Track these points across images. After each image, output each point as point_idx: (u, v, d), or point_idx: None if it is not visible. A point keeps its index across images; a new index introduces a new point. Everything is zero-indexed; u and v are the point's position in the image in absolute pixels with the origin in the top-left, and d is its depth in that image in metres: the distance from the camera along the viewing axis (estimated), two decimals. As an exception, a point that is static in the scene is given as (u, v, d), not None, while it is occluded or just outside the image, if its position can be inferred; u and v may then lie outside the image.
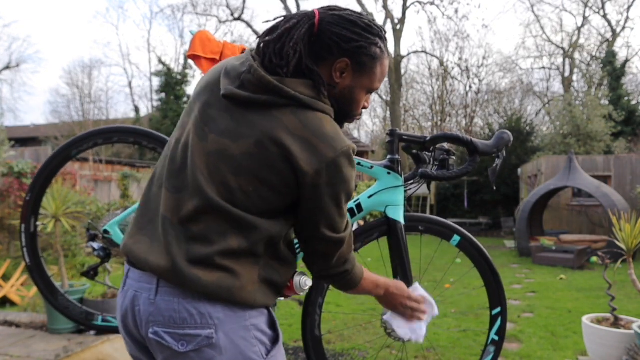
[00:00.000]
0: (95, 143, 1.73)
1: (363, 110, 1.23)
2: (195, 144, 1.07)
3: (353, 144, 1.07)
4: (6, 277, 5.53)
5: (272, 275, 1.10)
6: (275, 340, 1.12)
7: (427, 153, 1.59)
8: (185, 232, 1.03)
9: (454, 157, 1.58)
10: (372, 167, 1.57)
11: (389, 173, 1.56)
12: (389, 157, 1.58)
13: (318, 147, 1.02)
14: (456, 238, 1.64)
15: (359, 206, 1.58)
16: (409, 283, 1.56)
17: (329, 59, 1.08)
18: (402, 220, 1.56)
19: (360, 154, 14.48)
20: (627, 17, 28.21)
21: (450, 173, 1.56)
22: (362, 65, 1.10)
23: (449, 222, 1.67)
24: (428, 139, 1.57)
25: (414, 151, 1.61)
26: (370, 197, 1.57)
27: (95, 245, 1.65)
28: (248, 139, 1.02)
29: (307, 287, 1.19)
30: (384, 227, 1.58)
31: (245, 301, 1.05)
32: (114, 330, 1.76)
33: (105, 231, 1.65)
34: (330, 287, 1.66)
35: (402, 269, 1.56)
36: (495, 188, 1.73)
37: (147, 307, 1.04)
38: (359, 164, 1.57)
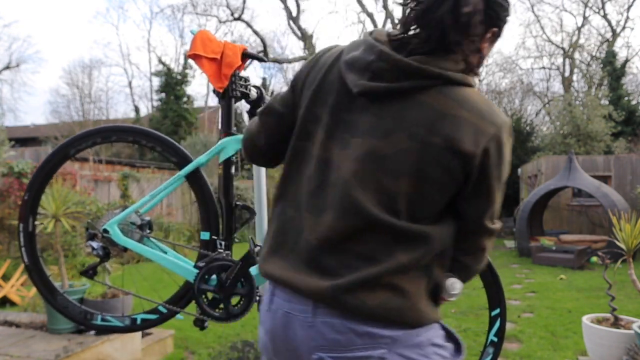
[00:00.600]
0: (94, 142, 1.72)
1: None
2: (338, 155, 0.95)
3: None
4: (6, 277, 5.53)
5: (438, 286, 1.00)
6: (457, 352, 1.03)
7: None
8: (342, 255, 0.93)
9: None
10: None
11: None
12: None
13: (479, 125, 0.90)
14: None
15: None
16: None
17: (477, 29, 0.94)
18: None
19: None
20: (627, 17, 28.17)
21: None
22: (499, 35, 1.00)
23: None
24: None
25: None
26: None
27: (94, 244, 1.64)
28: (399, 134, 0.91)
29: (457, 291, 1.05)
30: None
31: (416, 321, 0.94)
32: (112, 330, 1.76)
33: (105, 230, 1.64)
34: None
35: None
36: None
37: (306, 330, 0.94)
38: None
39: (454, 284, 1.05)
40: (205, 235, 1.67)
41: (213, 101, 23.41)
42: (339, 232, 0.93)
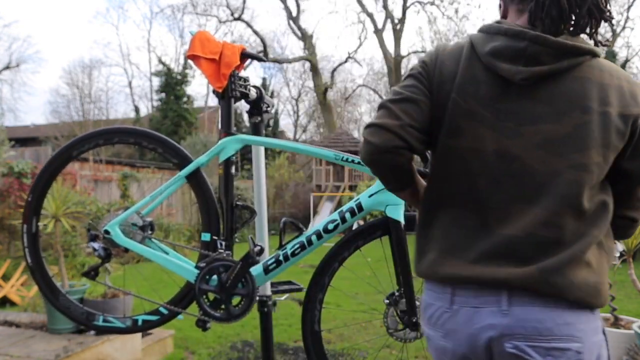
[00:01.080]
0: (96, 144, 1.73)
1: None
2: (511, 146, 0.98)
3: None
4: (6, 277, 5.53)
5: (610, 255, 1.02)
6: None
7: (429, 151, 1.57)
8: (538, 241, 0.95)
9: None
10: None
11: None
12: None
13: (631, 88, 1.00)
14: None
15: (359, 206, 1.58)
16: (408, 283, 1.56)
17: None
18: (402, 220, 1.55)
19: (360, 154, 14.41)
20: (627, 17, 28.11)
21: None
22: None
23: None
24: None
25: None
26: (370, 196, 1.57)
27: (96, 245, 1.65)
28: (573, 111, 0.96)
29: (618, 253, 1.10)
30: (386, 226, 1.58)
31: (603, 300, 0.96)
32: (114, 331, 1.76)
33: (106, 231, 1.65)
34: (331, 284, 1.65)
35: (402, 268, 1.56)
36: None
37: (500, 319, 0.95)
38: (359, 162, 1.57)
39: (617, 247, 1.06)
40: (205, 237, 1.67)
41: (213, 101, 23.41)
42: (535, 221, 0.96)
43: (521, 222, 0.96)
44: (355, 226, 1.67)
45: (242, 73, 1.77)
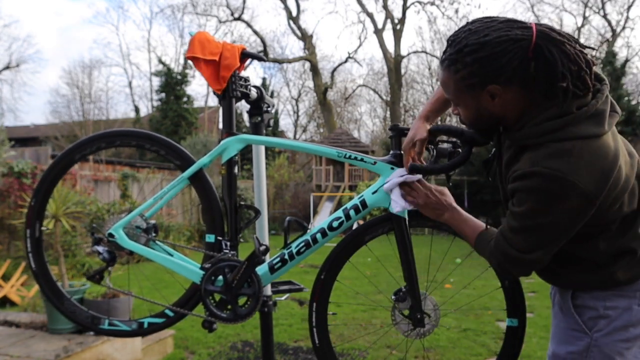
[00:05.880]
0: (98, 147, 1.72)
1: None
2: None
3: None
4: (6, 277, 5.53)
5: None
6: None
7: (430, 146, 1.56)
8: None
9: (459, 150, 1.54)
10: (375, 162, 1.57)
11: (392, 168, 1.55)
12: (391, 152, 1.57)
13: None
14: (514, 321, 1.64)
15: (363, 202, 1.57)
16: (412, 279, 1.56)
17: None
18: (405, 216, 1.55)
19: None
20: (627, 17, 28.01)
21: (441, 166, 1.48)
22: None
23: (525, 302, 1.64)
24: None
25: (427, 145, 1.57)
26: (374, 192, 1.56)
27: (100, 248, 1.64)
28: None
29: None
30: (389, 223, 1.57)
31: None
32: (120, 335, 1.74)
33: (110, 235, 1.64)
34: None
35: (406, 264, 1.56)
36: (491, 179, 1.62)
37: None
38: (362, 160, 1.57)
39: None
40: (210, 238, 1.66)
41: (213, 101, 23.43)
42: None
43: None
44: (355, 226, 1.66)
45: (243, 73, 1.77)
